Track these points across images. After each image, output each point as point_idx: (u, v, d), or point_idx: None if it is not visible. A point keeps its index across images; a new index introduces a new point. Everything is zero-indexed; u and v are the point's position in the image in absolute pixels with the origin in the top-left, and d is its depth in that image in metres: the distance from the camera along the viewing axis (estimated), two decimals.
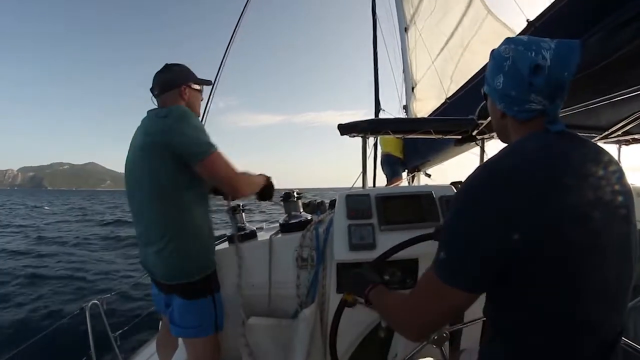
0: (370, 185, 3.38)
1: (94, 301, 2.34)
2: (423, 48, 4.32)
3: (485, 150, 2.14)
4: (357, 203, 1.48)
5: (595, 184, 0.67)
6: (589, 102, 1.39)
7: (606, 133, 1.67)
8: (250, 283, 1.54)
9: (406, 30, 4.82)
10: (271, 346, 1.51)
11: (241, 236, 1.62)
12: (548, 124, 0.73)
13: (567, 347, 0.67)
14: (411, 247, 1.15)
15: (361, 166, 2.10)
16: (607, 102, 1.36)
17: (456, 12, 4.02)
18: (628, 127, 1.60)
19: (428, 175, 4.21)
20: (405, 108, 4.92)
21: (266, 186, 1.56)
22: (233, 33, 3.00)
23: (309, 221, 1.62)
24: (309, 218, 1.65)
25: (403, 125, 2.36)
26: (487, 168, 0.74)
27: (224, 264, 1.50)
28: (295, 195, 1.68)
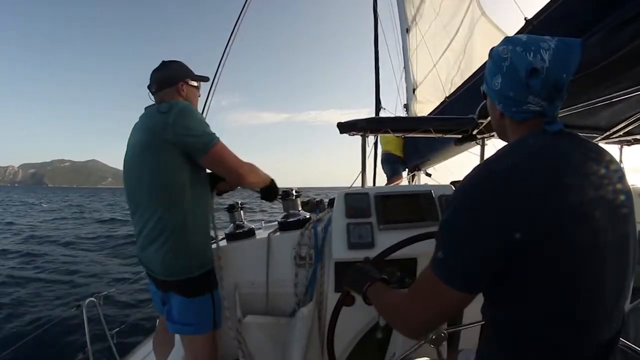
0: (370, 184, 3.37)
1: (91, 299, 2.32)
2: (424, 50, 4.31)
3: (485, 149, 2.13)
4: (356, 202, 1.48)
5: (595, 184, 0.67)
6: (590, 102, 1.38)
7: (608, 133, 1.67)
8: (248, 281, 1.54)
9: (407, 31, 4.81)
10: (269, 345, 1.50)
11: (239, 234, 1.61)
12: (546, 125, 0.73)
13: (566, 347, 0.66)
14: (410, 247, 1.14)
15: (360, 165, 2.09)
16: (609, 102, 1.35)
17: (457, 15, 4.01)
18: (630, 128, 1.60)
19: (428, 174, 4.20)
20: (405, 107, 4.90)
21: (271, 186, 1.56)
22: (233, 31, 2.99)
23: (308, 219, 1.61)
24: (308, 216, 1.64)
25: (403, 124, 2.35)
26: (486, 167, 0.73)
27: (222, 262, 1.49)
28: (293, 193, 1.68)
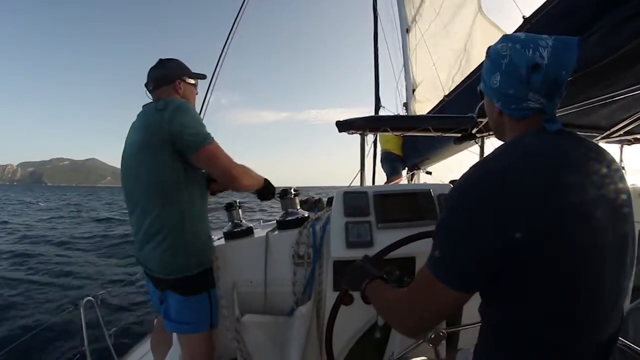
0: (369, 183, 3.36)
1: (89, 298, 2.31)
2: (424, 50, 4.29)
3: (484, 148, 2.13)
4: (355, 200, 1.47)
5: (594, 183, 0.66)
6: (590, 101, 1.37)
7: (608, 132, 1.66)
8: (247, 280, 1.54)
9: (407, 31, 4.78)
10: (267, 344, 1.50)
11: (238, 233, 1.61)
12: (546, 122, 0.73)
13: (565, 347, 0.66)
14: (409, 245, 1.14)
15: (359, 164, 2.09)
16: (609, 101, 1.34)
17: (457, 16, 3.99)
18: (630, 127, 1.59)
19: (429, 172, 4.19)
20: (405, 105, 4.89)
21: (266, 186, 1.55)
22: (232, 29, 2.98)
23: (306, 218, 1.61)
24: (306, 215, 1.64)
25: (402, 122, 2.34)
26: (482, 167, 0.72)
27: (221, 261, 1.49)
28: (292, 192, 1.67)
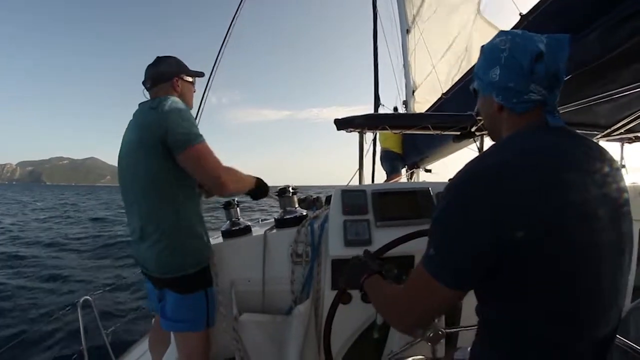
0: (368, 181, 3.35)
1: (86, 297, 2.30)
2: (424, 50, 4.28)
3: (484, 146, 2.12)
4: (353, 199, 1.46)
5: (593, 182, 0.66)
6: (591, 99, 1.37)
7: (609, 131, 1.66)
8: (245, 279, 1.53)
9: (408, 31, 4.77)
10: (265, 343, 1.49)
11: (236, 231, 1.60)
12: (547, 114, 0.73)
13: (563, 346, 0.65)
14: (407, 244, 1.13)
15: (358, 162, 2.08)
16: (609, 99, 1.34)
17: (457, 17, 3.98)
18: (631, 125, 1.59)
19: (428, 170, 4.18)
20: (405, 103, 4.88)
21: (258, 186, 1.52)
22: (230, 26, 2.96)
23: (304, 217, 1.60)
24: (304, 214, 1.63)
25: (401, 120, 2.33)
26: (478, 163, 0.72)
27: (218, 260, 1.48)
28: (290, 190, 1.66)
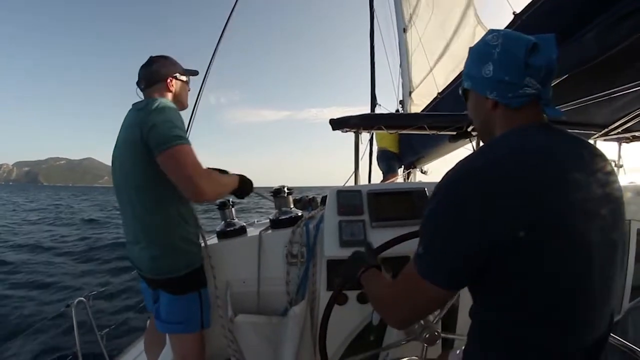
0: (364, 181, 3.34)
1: (80, 299, 2.27)
2: (421, 52, 4.27)
3: (480, 146, 2.11)
4: (348, 199, 1.45)
5: (585, 182, 0.65)
6: (588, 98, 1.36)
7: (606, 130, 1.65)
8: (240, 280, 1.52)
9: (405, 31, 4.76)
10: (260, 344, 1.48)
11: (230, 232, 1.59)
12: (545, 107, 0.73)
13: (551, 348, 0.65)
14: (403, 245, 1.12)
15: (351, 162, 2.07)
16: (607, 99, 1.33)
17: (453, 18, 3.98)
18: (628, 125, 1.58)
19: (424, 172, 4.17)
20: (401, 103, 4.86)
21: (241, 185, 1.47)
22: (226, 24, 2.95)
23: (300, 217, 1.59)
24: (300, 214, 1.62)
25: (396, 120, 2.32)
26: (470, 162, 0.71)
27: (212, 261, 1.46)
28: (285, 191, 1.65)
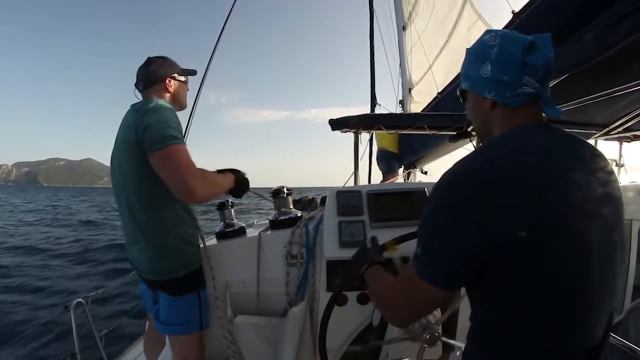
0: (364, 182, 3.33)
1: (79, 299, 2.26)
2: (421, 49, 4.27)
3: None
4: (348, 199, 1.45)
5: (584, 182, 0.65)
6: (589, 98, 1.36)
7: (607, 130, 1.65)
8: (239, 280, 1.52)
9: (404, 28, 4.76)
10: (260, 345, 1.47)
11: (230, 233, 1.58)
12: (545, 106, 0.73)
13: (552, 348, 0.64)
14: (404, 246, 1.10)
15: (353, 162, 2.06)
16: (608, 98, 1.32)
17: (452, 14, 3.96)
18: (629, 124, 1.57)
19: (424, 172, 4.15)
20: (401, 103, 4.85)
21: (237, 184, 1.45)
22: (224, 24, 2.94)
23: (299, 218, 1.58)
24: (299, 215, 1.61)
25: (396, 120, 2.31)
26: (468, 162, 0.71)
27: (212, 261, 1.46)
28: (285, 191, 1.65)
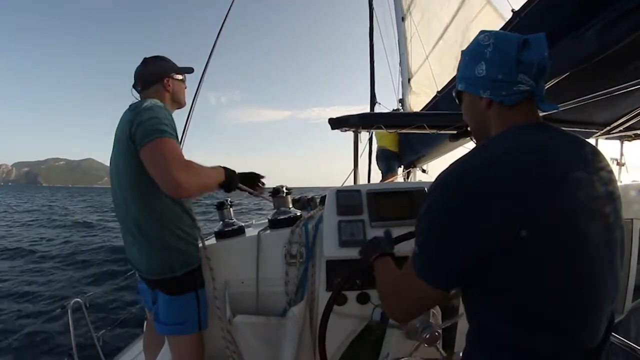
0: (363, 181, 3.32)
1: (77, 299, 2.25)
2: (419, 39, 4.25)
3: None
4: (348, 199, 1.44)
5: (582, 182, 0.64)
6: (590, 97, 1.35)
7: (608, 128, 1.64)
8: (238, 280, 1.51)
9: (403, 19, 4.74)
10: (259, 345, 1.47)
11: (229, 232, 1.57)
12: (540, 102, 0.74)
13: (552, 346, 0.64)
14: (405, 245, 1.09)
15: (352, 162, 2.05)
16: (609, 97, 1.32)
17: (453, 3, 3.94)
18: (631, 123, 1.57)
19: (424, 171, 4.15)
20: (401, 101, 4.84)
21: (227, 180, 1.41)
22: (223, 23, 2.93)
23: (298, 217, 1.57)
24: (299, 214, 1.60)
25: (396, 120, 2.30)
26: (465, 162, 0.71)
27: (211, 261, 1.45)
28: (284, 190, 1.64)
